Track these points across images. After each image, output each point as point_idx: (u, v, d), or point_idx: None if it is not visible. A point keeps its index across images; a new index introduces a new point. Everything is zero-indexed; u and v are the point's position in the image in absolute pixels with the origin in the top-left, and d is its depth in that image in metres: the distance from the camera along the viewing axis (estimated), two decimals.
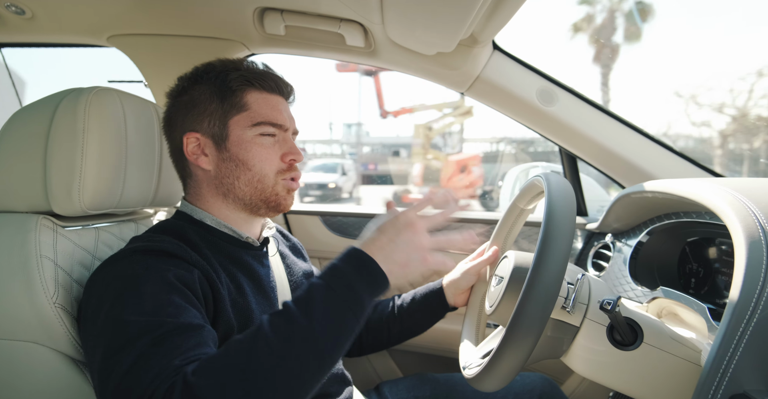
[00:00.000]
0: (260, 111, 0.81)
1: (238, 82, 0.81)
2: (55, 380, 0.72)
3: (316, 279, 0.63)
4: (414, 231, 0.69)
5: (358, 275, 0.63)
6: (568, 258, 0.62)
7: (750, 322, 0.55)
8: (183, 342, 0.59)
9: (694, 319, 0.79)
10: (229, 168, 0.81)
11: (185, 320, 0.62)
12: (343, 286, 0.61)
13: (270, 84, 0.83)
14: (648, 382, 0.68)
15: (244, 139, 0.80)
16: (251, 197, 0.82)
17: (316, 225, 1.62)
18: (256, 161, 0.80)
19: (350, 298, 0.61)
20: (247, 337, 0.57)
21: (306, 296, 0.60)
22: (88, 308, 0.66)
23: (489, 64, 1.25)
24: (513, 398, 0.99)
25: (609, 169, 1.32)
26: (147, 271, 0.66)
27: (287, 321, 0.58)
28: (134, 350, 0.56)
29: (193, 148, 0.81)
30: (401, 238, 0.68)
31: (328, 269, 0.64)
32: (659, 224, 1.02)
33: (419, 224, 0.70)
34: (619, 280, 1.05)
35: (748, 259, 0.58)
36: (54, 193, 0.75)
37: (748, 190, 0.68)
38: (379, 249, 0.66)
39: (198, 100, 0.81)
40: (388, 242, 0.67)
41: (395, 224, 0.69)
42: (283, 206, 0.84)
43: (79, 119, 0.75)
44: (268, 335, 0.56)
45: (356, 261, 0.64)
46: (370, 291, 0.63)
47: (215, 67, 0.83)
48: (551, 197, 0.67)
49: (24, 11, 1.21)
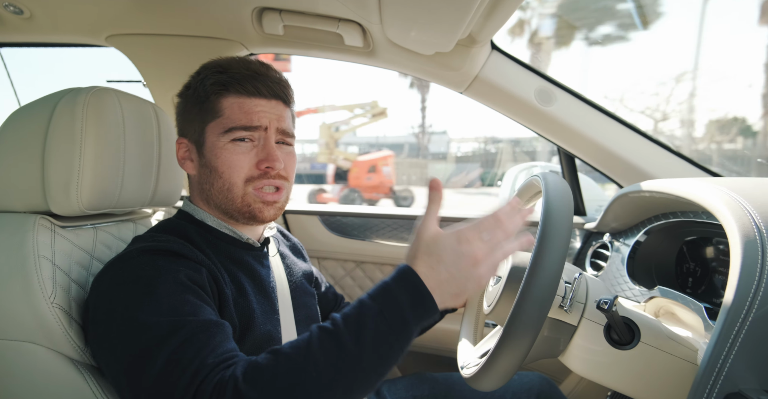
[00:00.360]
0: (232, 116, 0.77)
1: (215, 87, 0.78)
2: (52, 380, 0.72)
3: (368, 299, 0.59)
4: (476, 264, 0.60)
5: (413, 310, 0.58)
6: (566, 257, 0.62)
7: (745, 322, 0.55)
8: (209, 339, 0.59)
9: (691, 319, 0.79)
10: (205, 174, 0.80)
11: (205, 317, 0.63)
12: (397, 318, 0.57)
13: (248, 87, 0.78)
14: (645, 381, 0.68)
15: (216, 145, 0.78)
16: (225, 206, 0.79)
17: (315, 225, 1.62)
18: (225, 168, 0.77)
19: (401, 331, 0.57)
20: (297, 353, 0.56)
21: (357, 319, 0.57)
22: (98, 310, 0.66)
23: (487, 64, 1.26)
24: (511, 397, 1.00)
25: (607, 168, 1.32)
26: (158, 271, 0.66)
27: (338, 346, 0.56)
28: (163, 351, 0.57)
29: (182, 153, 0.83)
30: (462, 272, 0.60)
31: (382, 292, 0.59)
32: (657, 224, 1.02)
33: (483, 257, 0.61)
34: (617, 279, 1.05)
35: (743, 258, 0.58)
36: (52, 192, 0.75)
37: (744, 190, 0.68)
38: (438, 284, 0.59)
39: (187, 105, 0.82)
40: (447, 277, 0.60)
41: (458, 254, 0.60)
42: (259, 218, 0.80)
43: (77, 119, 0.75)
44: (318, 358, 0.55)
45: (413, 294, 0.58)
46: (422, 323, 0.59)
47: (203, 69, 0.82)
48: (548, 197, 0.67)
49: (22, 11, 1.21)
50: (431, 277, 0.59)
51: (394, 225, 1.58)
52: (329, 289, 1.11)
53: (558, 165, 1.50)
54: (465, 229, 0.62)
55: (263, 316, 0.79)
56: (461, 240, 0.61)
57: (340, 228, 1.62)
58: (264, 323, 0.78)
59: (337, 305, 1.12)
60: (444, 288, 0.60)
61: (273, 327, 0.80)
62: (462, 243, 0.61)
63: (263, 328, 0.77)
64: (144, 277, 0.65)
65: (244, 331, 0.74)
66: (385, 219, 1.59)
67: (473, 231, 0.62)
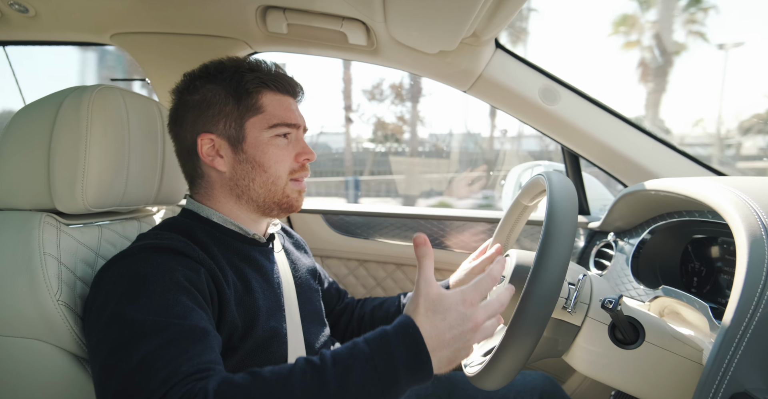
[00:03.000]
0: (275, 113, 0.81)
1: (254, 83, 0.80)
2: (57, 377, 0.73)
3: (363, 343, 0.57)
4: (476, 329, 0.59)
5: (407, 368, 0.55)
6: (570, 257, 0.62)
7: (752, 321, 0.55)
8: (190, 346, 0.58)
9: (696, 318, 0.79)
10: (245, 170, 0.81)
11: (192, 322, 0.61)
12: (388, 371, 0.55)
13: (284, 85, 0.84)
14: (649, 380, 0.68)
15: (260, 141, 0.80)
16: (264, 199, 0.82)
17: (319, 223, 1.62)
18: (272, 163, 0.81)
19: (389, 386, 0.55)
20: (276, 380, 0.54)
21: (347, 362, 0.55)
22: (94, 304, 0.66)
23: (491, 63, 1.25)
24: (514, 397, 0.99)
25: (611, 167, 1.31)
26: (156, 269, 0.66)
27: (320, 383, 0.53)
28: (140, 350, 0.56)
29: (208, 149, 0.80)
30: (463, 336, 0.58)
31: (379, 340, 0.57)
32: (662, 223, 1.01)
33: (482, 323, 0.60)
34: (622, 278, 1.05)
35: (749, 257, 0.58)
36: (57, 190, 0.76)
37: (750, 189, 0.68)
38: (439, 345, 0.57)
39: (212, 100, 0.80)
40: (450, 340, 0.58)
41: (463, 317, 0.59)
42: (294, 207, 0.85)
43: (82, 117, 0.75)
44: (295, 390, 0.53)
45: (412, 350, 0.56)
46: (411, 385, 0.57)
47: (228, 67, 0.82)
48: (553, 196, 0.67)
49: (27, 9, 1.22)
50: (434, 336, 0.57)
51: (397, 224, 1.58)
52: (332, 284, 1.12)
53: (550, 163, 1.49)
54: (468, 290, 0.60)
55: (269, 312, 0.79)
56: (466, 302, 0.59)
57: (344, 227, 1.63)
58: (269, 319, 0.78)
59: (340, 301, 1.12)
60: (444, 351, 0.57)
61: (278, 323, 0.80)
62: (467, 305, 0.59)
63: (268, 324, 0.77)
64: (141, 273, 0.65)
65: (248, 327, 0.75)
66: (389, 218, 1.59)
67: (476, 293, 0.61)
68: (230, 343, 0.73)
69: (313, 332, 0.89)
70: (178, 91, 0.84)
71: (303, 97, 0.90)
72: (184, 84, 0.83)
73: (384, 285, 1.58)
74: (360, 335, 1.04)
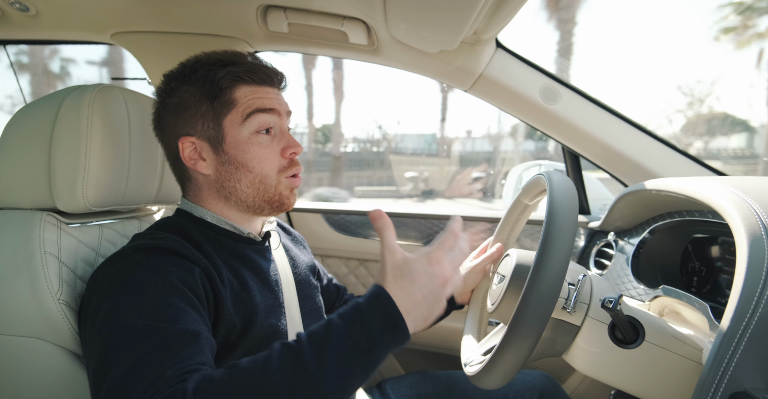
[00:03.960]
0: (248, 103, 0.78)
1: (227, 79, 0.77)
2: (58, 376, 0.73)
3: (337, 319, 0.58)
4: (445, 284, 0.63)
5: (384, 333, 0.57)
6: (570, 257, 0.62)
7: (751, 321, 0.55)
8: (179, 350, 0.57)
9: (696, 318, 0.79)
10: (229, 171, 0.79)
11: (183, 326, 0.61)
12: (365, 340, 0.56)
13: (260, 76, 0.80)
14: (649, 380, 0.68)
15: (240, 139, 0.78)
16: (254, 199, 0.80)
17: (319, 222, 1.62)
18: (256, 162, 0.78)
19: (367, 353, 0.56)
20: (253, 368, 0.54)
21: (322, 338, 0.56)
22: (89, 305, 0.66)
23: (492, 62, 1.25)
24: (514, 396, 1.00)
25: (612, 167, 1.31)
26: (149, 271, 0.65)
27: (298, 363, 0.54)
28: (129, 355, 0.56)
29: (189, 152, 0.79)
30: (434, 293, 0.61)
31: (352, 312, 0.58)
32: (662, 223, 1.01)
33: (451, 276, 0.63)
34: (622, 278, 1.05)
35: (749, 257, 0.58)
36: (58, 190, 0.76)
37: (750, 189, 0.68)
38: (412, 306, 0.59)
39: (188, 102, 0.78)
40: (421, 299, 0.60)
41: (431, 275, 0.62)
42: (286, 205, 0.83)
43: (82, 116, 0.75)
44: (273, 374, 0.53)
45: (386, 316, 0.58)
46: (390, 349, 0.58)
47: (203, 64, 0.80)
48: (553, 196, 0.67)
49: (28, 8, 1.22)
50: (405, 299, 0.59)
51: (397, 223, 1.58)
52: (331, 281, 1.11)
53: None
54: (433, 250, 0.63)
55: (267, 309, 0.79)
56: (432, 261, 0.62)
57: (344, 226, 1.63)
58: (268, 317, 0.78)
59: (340, 297, 1.12)
60: (417, 310, 0.59)
61: (278, 320, 0.80)
62: (433, 264, 0.62)
63: (267, 322, 0.77)
64: (133, 275, 0.65)
65: (246, 326, 0.75)
66: (389, 217, 1.59)
67: (440, 251, 0.63)
68: (229, 341, 0.73)
69: None
70: (159, 93, 0.82)
71: (286, 86, 0.86)
72: (163, 85, 0.81)
73: None
74: None
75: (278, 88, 0.84)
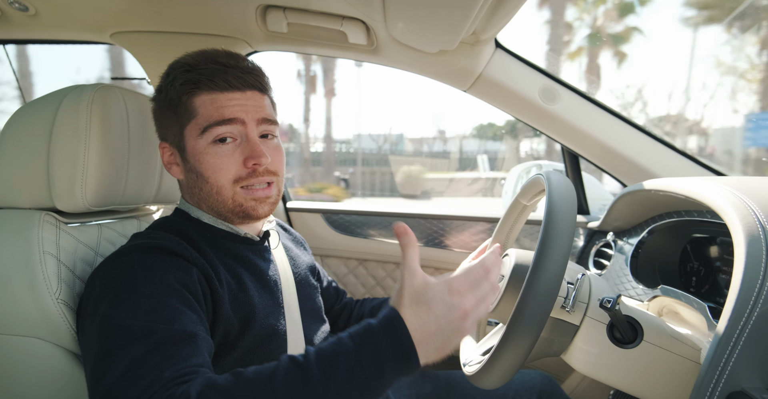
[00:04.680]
0: (206, 114, 0.75)
1: (185, 87, 0.75)
2: (57, 375, 0.73)
3: (347, 339, 0.56)
4: (464, 317, 0.58)
5: (393, 361, 0.54)
6: (568, 257, 0.62)
7: (749, 320, 0.55)
8: (176, 351, 0.57)
9: (695, 318, 0.79)
10: (192, 179, 0.79)
11: (180, 327, 0.61)
12: (373, 365, 0.54)
13: (219, 82, 0.75)
14: (648, 379, 0.68)
15: (197, 149, 0.76)
16: (218, 207, 0.79)
17: (318, 222, 1.62)
18: (210, 173, 0.76)
19: (375, 380, 0.54)
20: (259, 380, 0.53)
21: (330, 357, 0.54)
22: (87, 305, 0.66)
23: (491, 62, 1.25)
24: (513, 396, 1.00)
25: (611, 167, 1.31)
26: (146, 272, 0.65)
27: (304, 381, 0.52)
28: (126, 356, 0.56)
29: (168, 157, 0.81)
30: (450, 325, 0.57)
31: (363, 334, 0.56)
32: (660, 223, 1.01)
33: (471, 310, 0.59)
34: (621, 278, 1.05)
35: (747, 257, 0.58)
36: (57, 189, 0.76)
37: (748, 189, 0.68)
38: (425, 337, 0.56)
39: (161, 109, 0.80)
40: (435, 330, 0.56)
41: (449, 306, 0.57)
42: (253, 215, 0.79)
43: (82, 116, 0.75)
44: (278, 389, 0.52)
45: (397, 343, 0.55)
46: (398, 377, 0.56)
47: (171, 69, 0.79)
48: (552, 196, 0.67)
49: (27, 8, 1.22)
50: (419, 328, 0.56)
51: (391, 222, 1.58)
52: (330, 283, 1.12)
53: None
54: (455, 279, 0.59)
55: (265, 310, 0.79)
56: (453, 291, 0.58)
57: (343, 226, 1.63)
58: (266, 317, 0.78)
59: (339, 300, 1.12)
60: (430, 342, 0.56)
61: (276, 320, 0.80)
62: (453, 295, 0.58)
63: (265, 322, 0.77)
64: (131, 277, 0.65)
65: (244, 326, 0.75)
66: (388, 217, 1.59)
67: (464, 282, 0.59)
68: (227, 341, 0.73)
69: (312, 329, 0.89)
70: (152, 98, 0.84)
71: (263, 87, 0.80)
72: (156, 87, 0.82)
73: (384, 284, 1.58)
74: None
75: (249, 91, 0.78)
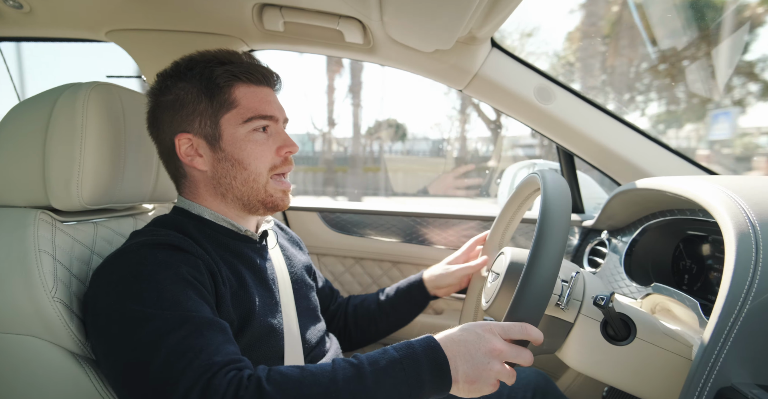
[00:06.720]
0: (250, 106, 0.79)
1: (224, 77, 0.77)
2: (53, 373, 0.73)
3: (392, 350, 0.64)
4: (491, 353, 0.63)
5: (430, 373, 0.62)
6: (563, 255, 0.63)
7: (738, 317, 0.56)
8: (214, 337, 0.61)
9: (687, 315, 0.80)
10: (225, 168, 0.79)
11: (207, 315, 0.64)
12: (415, 374, 0.61)
13: (257, 76, 0.80)
14: (641, 376, 0.69)
15: (237, 137, 0.78)
16: (248, 197, 0.81)
17: (315, 221, 1.62)
18: (252, 160, 0.79)
19: (416, 387, 0.61)
20: (322, 373, 0.60)
21: (379, 363, 0.62)
22: (97, 302, 0.66)
23: (487, 62, 1.26)
24: (508, 393, 1.00)
25: (605, 166, 1.32)
26: (160, 265, 0.66)
27: (359, 380, 0.60)
28: (168, 342, 0.58)
29: (186, 149, 0.79)
30: (478, 353, 0.63)
31: (405, 349, 0.64)
32: (654, 221, 1.02)
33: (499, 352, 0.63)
34: (614, 276, 1.06)
35: (737, 255, 0.59)
36: (53, 187, 0.76)
37: (739, 188, 0.69)
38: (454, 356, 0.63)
39: (185, 99, 0.78)
40: (465, 354, 0.63)
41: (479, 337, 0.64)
42: (280, 206, 0.83)
43: (77, 114, 0.75)
44: (339, 382, 0.59)
45: (432, 358, 0.63)
46: (434, 389, 0.62)
47: (198, 62, 0.80)
48: (547, 195, 0.68)
49: (22, 5, 1.21)
50: (449, 346, 0.63)
51: (393, 222, 1.58)
52: (326, 283, 1.13)
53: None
54: (494, 323, 0.66)
55: (264, 308, 0.79)
56: (485, 327, 0.65)
57: (340, 225, 1.63)
58: (264, 315, 0.79)
59: (334, 300, 1.13)
60: (459, 362, 0.62)
61: (274, 318, 0.81)
62: (485, 330, 0.65)
63: (263, 320, 0.78)
64: (145, 270, 0.65)
65: (243, 323, 0.75)
66: (384, 216, 1.60)
67: (500, 328, 0.65)
68: None
69: (308, 327, 0.90)
70: (152, 93, 0.81)
71: (281, 87, 0.87)
72: (157, 84, 0.81)
73: (380, 282, 1.58)
74: (350, 333, 1.07)
75: (273, 89, 0.85)
